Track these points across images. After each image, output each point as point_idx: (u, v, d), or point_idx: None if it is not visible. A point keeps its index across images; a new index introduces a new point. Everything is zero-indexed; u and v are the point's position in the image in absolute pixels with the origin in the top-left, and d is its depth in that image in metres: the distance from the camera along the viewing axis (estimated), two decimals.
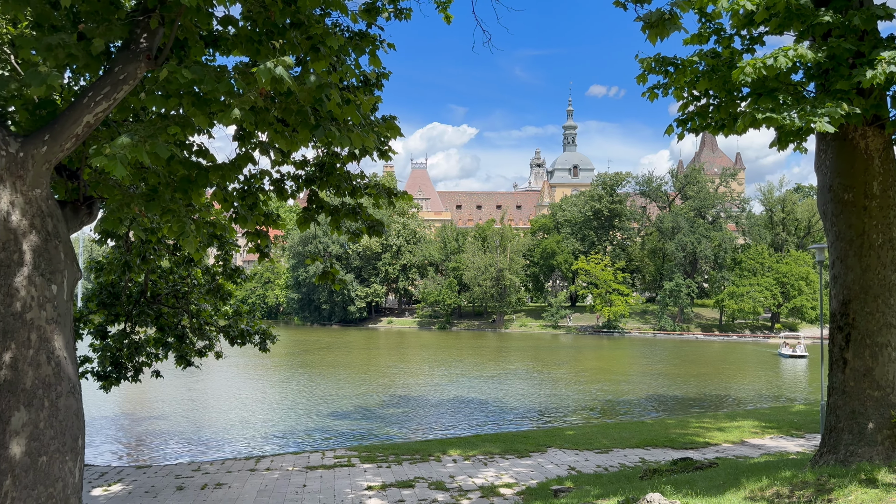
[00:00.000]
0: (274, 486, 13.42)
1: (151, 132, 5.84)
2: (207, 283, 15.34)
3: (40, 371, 6.01)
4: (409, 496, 12.28)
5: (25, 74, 5.95)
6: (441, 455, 15.71)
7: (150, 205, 6.63)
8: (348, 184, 9.52)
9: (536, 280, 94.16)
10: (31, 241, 6.19)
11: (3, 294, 6.05)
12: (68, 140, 6.38)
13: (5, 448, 5.79)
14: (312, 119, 6.03)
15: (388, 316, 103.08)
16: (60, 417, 6.06)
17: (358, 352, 55.15)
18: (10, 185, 6.18)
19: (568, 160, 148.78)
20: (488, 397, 30.22)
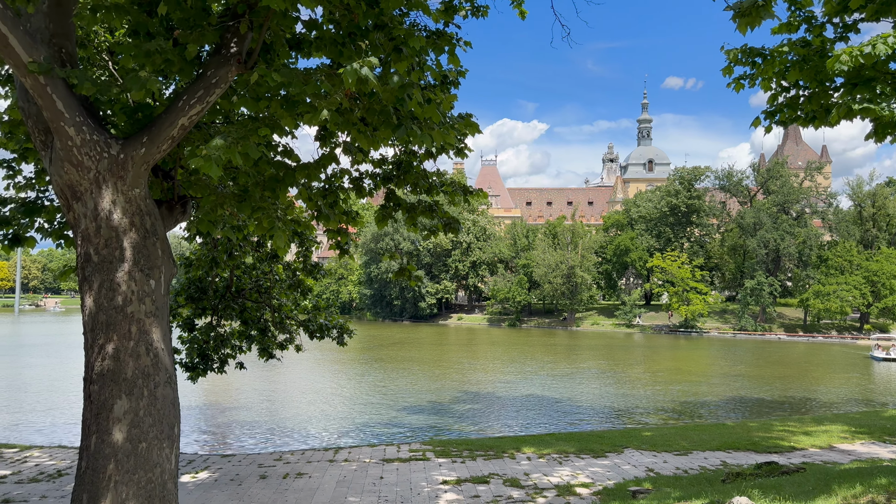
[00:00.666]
0: (352, 477, 13.72)
1: (243, 134, 6.07)
2: (288, 278, 15.79)
3: (140, 362, 6.36)
4: (483, 492, 12.32)
5: (126, 79, 6.27)
6: (515, 452, 15.68)
7: (241, 205, 6.90)
8: (425, 182, 9.61)
9: (609, 278, 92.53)
10: (131, 239, 6.55)
11: (106, 288, 6.42)
12: (165, 142, 6.71)
13: (109, 434, 6.15)
14: (394, 119, 6.12)
15: (458, 312, 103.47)
16: (158, 406, 6.39)
17: (429, 347, 55.62)
18: (112, 185, 6.55)
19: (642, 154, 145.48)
20: (560, 396, 29.94)
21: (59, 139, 6.38)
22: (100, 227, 6.47)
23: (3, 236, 8.89)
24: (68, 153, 6.38)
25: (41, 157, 6.93)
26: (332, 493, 12.54)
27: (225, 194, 7.05)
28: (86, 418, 6.29)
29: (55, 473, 14.12)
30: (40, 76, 6.13)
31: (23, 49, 6.03)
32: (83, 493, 6.08)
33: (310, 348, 16.22)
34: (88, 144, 6.39)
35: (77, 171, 6.42)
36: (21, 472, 14.28)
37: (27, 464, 15.09)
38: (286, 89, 6.13)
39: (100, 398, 6.21)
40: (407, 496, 12.14)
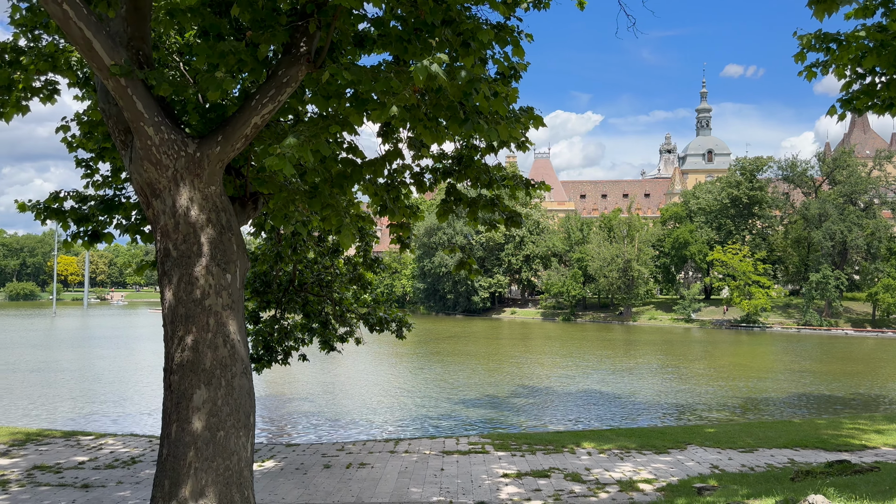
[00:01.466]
0: (413, 468, 13.88)
1: (314, 132, 6.20)
2: (349, 272, 16.04)
3: (218, 353, 6.58)
4: (544, 486, 12.30)
5: (202, 80, 6.48)
6: (575, 447, 15.59)
7: (312, 201, 7.06)
8: (486, 176, 9.63)
9: (667, 271, 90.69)
10: (208, 234, 6.78)
11: (185, 282, 6.67)
12: (239, 140, 6.91)
13: (189, 423, 6.40)
14: (461, 113, 6.16)
15: (512, 306, 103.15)
16: (235, 395, 6.61)
17: (484, 341, 55.64)
18: (189, 183, 6.79)
19: (702, 145, 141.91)
20: (618, 391, 29.58)
21: (138, 139, 6.64)
22: (178, 223, 6.72)
23: (84, 232, 9.30)
24: (147, 152, 6.64)
25: (121, 156, 7.23)
26: (395, 483, 12.72)
27: (296, 191, 7.22)
28: (166, 407, 6.55)
29: (129, 460, 14.73)
30: (121, 78, 6.39)
31: (105, 53, 6.29)
32: (165, 479, 6.34)
33: (367, 341, 16.47)
34: (167, 143, 6.63)
35: (156, 169, 6.68)
36: (97, 458, 14.95)
37: (103, 451, 15.78)
38: (355, 87, 6.23)
39: (180, 388, 6.46)
40: (468, 488, 12.23)
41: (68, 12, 6.07)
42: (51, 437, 17.27)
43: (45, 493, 11.96)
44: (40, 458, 14.76)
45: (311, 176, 7.25)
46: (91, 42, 6.22)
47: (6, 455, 15.15)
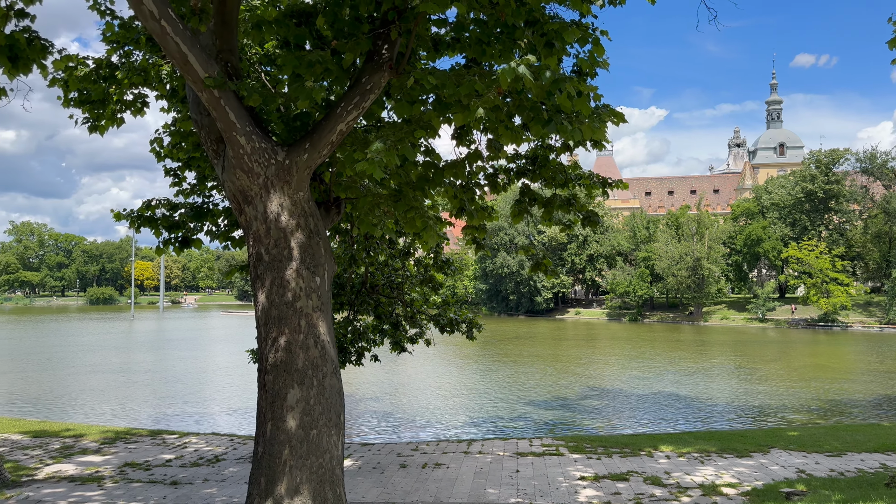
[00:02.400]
0: (488, 469, 13.90)
1: (400, 136, 6.30)
2: (420, 274, 16.17)
3: (309, 353, 6.77)
4: (624, 489, 12.12)
5: (291, 90, 6.67)
6: (652, 450, 15.30)
7: (397, 204, 7.18)
8: (562, 175, 9.57)
9: (739, 270, 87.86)
10: (298, 239, 6.98)
11: (277, 285, 6.89)
12: (325, 147, 7.09)
13: (283, 421, 6.60)
14: (545, 114, 6.15)
15: (576, 307, 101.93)
16: (327, 395, 6.79)
17: (550, 342, 55.19)
18: (280, 190, 7.00)
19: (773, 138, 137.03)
20: (692, 393, 28.84)
21: (231, 148, 6.89)
22: (269, 228, 6.95)
23: (175, 239, 9.70)
24: (240, 161, 6.88)
25: (213, 165, 7.51)
26: (471, 484, 12.76)
27: (380, 195, 7.36)
28: (261, 406, 6.77)
29: (213, 458, 15.26)
30: (215, 90, 6.65)
31: (200, 66, 6.56)
32: (261, 476, 6.56)
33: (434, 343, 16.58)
34: (258, 152, 6.86)
35: (248, 177, 6.92)
36: (183, 456, 15.55)
37: (187, 449, 16.41)
38: (439, 91, 6.29)
39: (274, 388, 6.67)
40: (545, 490, 12.16)
41: (166, 28, 6.35)
42: (138, 436, 18.07)
43: (137, 489, 12.52)
44: (130, 456, 15.45)
45: (394, 179, 7.38)
46: (186, 56, 6.49)
47: (98, 452, 15.93)
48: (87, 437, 17.55)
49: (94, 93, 9.08)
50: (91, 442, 17.00)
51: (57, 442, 16.98)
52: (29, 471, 14.02)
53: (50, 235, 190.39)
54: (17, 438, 17.38)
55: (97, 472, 13.82)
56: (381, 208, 7.33)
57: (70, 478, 13.44)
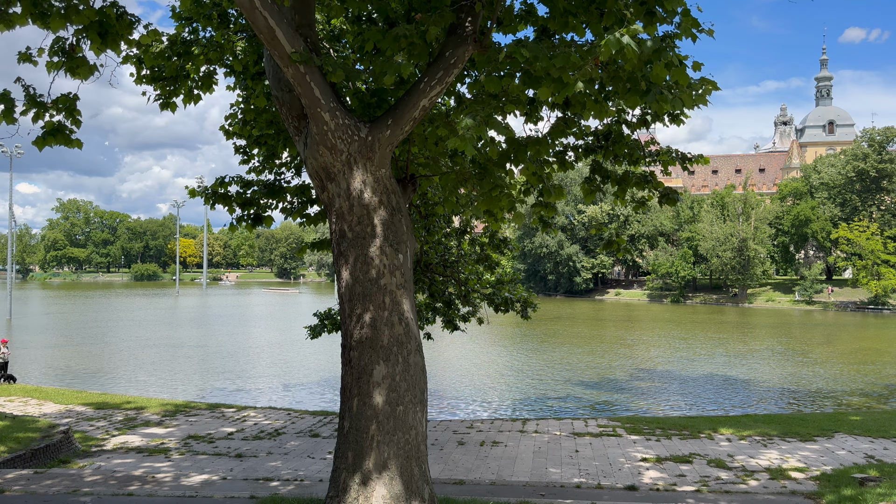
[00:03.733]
0: (547, 448, 13.87)
1: (489, 112, 6.18)
2: (475, 253, 16.08)
3: (394, 330, 6.75)
4: (688, 471, 11.97)
5: (377, 65, 6.58)
6: (712, 433, 15.09)
7: (482, 182, 7.07)
8: (640, 151, 9.34)
9: (785, 251, 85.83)
10: (381, 216, 6.93)
11: (361, 262, 6.86)
12: (407, 123, 7.00)
13: (370, 397, 6.61)
14: (643, 84, 5.95)
15: (615, 287, 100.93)
16: (412, 372, 6.77)
17: (593, 323, 54.82)
18: (362, 167, 6.95)
19: (822, 115, 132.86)
20: (742, 375, 28.36)
21: (314, 124, 6.85)
22: (352, 205, 6.91)
23: (247, 216, 9.77)
24: (323, 137, 6.84)
25: (295, 142, 7.49)
26: (532, 463, 12.74)
27: (464, 173, 7.26)
28: (346, 382, 6.79)
29: (273, 432, 15.53)
30: (300, 65, 6.59)
31: (287, 41, 6.51)
32: (348, 450, 6.59)
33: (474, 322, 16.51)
34: (341, 129, 6.81)
35: (331, 154, 6.87)
36: (244, 429, 15.85)
37: (247, 422, 16.72)
38: (531, 64, 6.13)
39: (359, 364, 6.67)
40: (607, 471, 12.08)
41: (254, 1, 6.31)
42: (197, 409, 18.49)
43: (203, 461, 12.80)
44: (192, 429, 15.81)
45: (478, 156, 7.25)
46: (274, 31, 6.44)
47: (160, 425, 16.33)
48: (148, 410, 18.01)
49: (167, 69, 9.13)
50: (152, 414, 17.44)
51: (120, 414, 17.46)
52: (97, 441, 14.45)
53: (95, 213, 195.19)
54: (81, 410, 17.92)
55: (162, 444, 14.18)
56: (466, 186, 7.22)
57: (137, 449, 13.82)
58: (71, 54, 6.62)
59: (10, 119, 6.49)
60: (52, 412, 17.18)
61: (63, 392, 20.87)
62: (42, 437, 13.12)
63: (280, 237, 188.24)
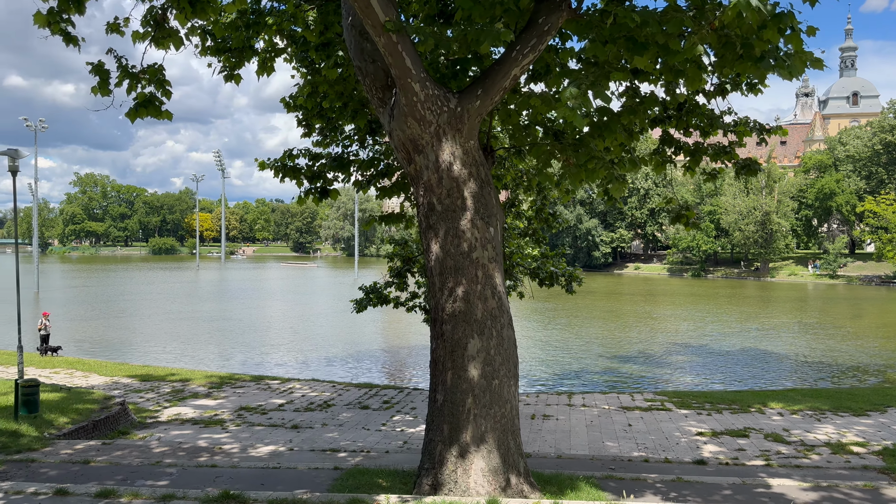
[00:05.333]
0: (598, 422, 13.86)
1: (593, 80, 6.02)
2: (520, 227, 15.91)
3: (487, 304, 6.68)
4: (746, 445, 11.93)
5: (473, 32, 6.40)
6: (762, 407, 15.02)
7: (578, 154, 6.92)
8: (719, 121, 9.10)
9: (808, 224, 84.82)
10: (471, 188, 6.82)
11: (451, 235, 6.77)
12: (497, 93, 6.85)
13: (464, 370, 6.57)
14: (757, 50, 5.75)
15: (634, 262, 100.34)
16: (505, 346, 6.71)
17: (616, 297, 54.65)
18: (451, 138, 6.82)
19: (846, 87, 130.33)
20: (776, 349, 28.17)
21: (404, 95, 6.71)
22: (441, 177, 6.80)
23: (315, 189, 9.69)
24: (412, 108, 6.70)
25: (378, 114, 7.36)
26: (587, 436, 12.75)
27: (555, 144, 7.11)
28: (439, 355, 6.74)
29: (323, 404, 15.62)
30: (393, 34, 6.44)
31: (380, 9, 6.35)
32: (443, 423, 6.57)
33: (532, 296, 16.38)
34: (431, 99, 6.67)
35: (419, 125, 6.74)
36: (293, 401, 15.96)
37: (294, 394, 16.84)
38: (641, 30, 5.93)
39: (453, 337, 6.62)
40: (665, 444, 12.06)
41: None
42: (242, 381, 18.63)
43: (261, 432, 12.91)
44: (241, 400, 15.94)
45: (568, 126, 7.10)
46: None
47: (209, 396, 16.48)
48: (193, 382, 18.18)
49: (234, 40, 8.99)
50: (199, 386, 17.60)
51: (166, 386, 17.64)
52: (150, 413, 14.62)
53: (112, 187, 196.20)
54: (127, 381, 18.12)
55: (216, 416, 14.31)
56: (559, 158, 7.07)
57: (192, 420, 13.96)
58: (160, 24, 6.51)
59: (106, 91, 6.42)
60: (99, 384, 17.38)
61: (105, 364, 21.11)
62: (101, 408, 13.29)
63: (295, 211, 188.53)
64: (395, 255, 15.74)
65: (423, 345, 28.54)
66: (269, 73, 8.89)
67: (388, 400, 16.14)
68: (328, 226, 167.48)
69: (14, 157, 12.07)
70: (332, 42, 9.22)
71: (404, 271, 15.77)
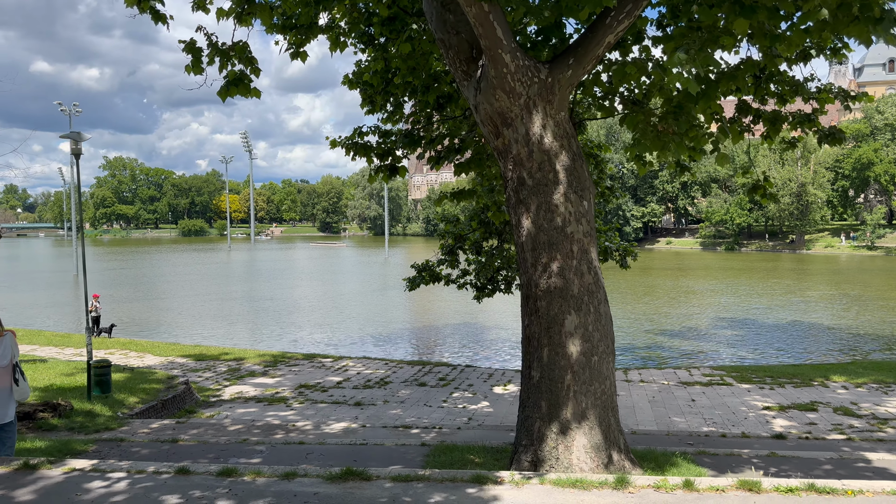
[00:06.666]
0: (660, 397, 13.75)
1: (700, 45, 5.82)
2: None
3: (584, 280, 6.56)
4: (817, 419, 11.75)
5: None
6: (824, 381, 14.79)
7: (679, 122, 6.73)
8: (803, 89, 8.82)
9: (844, 195, 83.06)
10: (563, 161, 6.67)
11: (544, 210, 6.64)
12: (590, 62, 6.67)
13: (562, 347, 6.47)
14: (877, 11, 5.49)
15: (666, 236, 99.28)
16: (603, 321, 6.60)
17: (652, 272, 54.12)
18: (542, 110, 6.67)
19: (882, 53, 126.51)
20: (824, 322, 27.70)
21: (493, 67, 6.55)
22: (532, 151, 6.66)
23: (384, 167, 9.61)
24: (501, 80, 6.54)
25: (462, 87, 7.22)
26: (652, 412, 12.65)
27: (652, 112, 6.92)
28: (534, 332, 6.65)
29: (380, 381, 15.71)
30: (484, 4, 6.28)
31: None
32: (541, 400, 6.50)
33: None
34: (521, 70, 6.51)
35: (508, 97, 6.59)
36: (350, 379, 16.06)
37: (349, 372, 16.95)
38: None
39: (549, 313, 6.52)
40: (732, 419, 11.92)
41: None
42: (295, 359, 18.80)
43: (325, 409, 13.01)
44: (298, 378, 16.08)
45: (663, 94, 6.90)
46: None
47: (266, 375, 16.65)
48: (247, 361, 18.38)
49: (301, 17, 8.88)
50: (254, 365, 17.80)
51: (222, 365, 17.85)
52: (212, 392, 14.80)
53: (141, 170, 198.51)
54: (182, 361, 18.37)
55: (277, 394, 14.45)
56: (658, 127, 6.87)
57: (255, 398, 14.11)
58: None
59: (199, 69, 6.37)
60: (155, 364, 17.64)
61: (158, 344, 21.42)
62: (166, 388, 13.49)
63: (321, 191, 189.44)
64: (447, 233, 15.68)
65: (464, 322, 28.59)
66: (341, 49, 8.77)
67: (444, 377, 16.17)
68: (354, 205, 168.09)
69: (77, 139, 12.15)
70: (399, 16, 9.09)
71: (456, 249, 15.72)
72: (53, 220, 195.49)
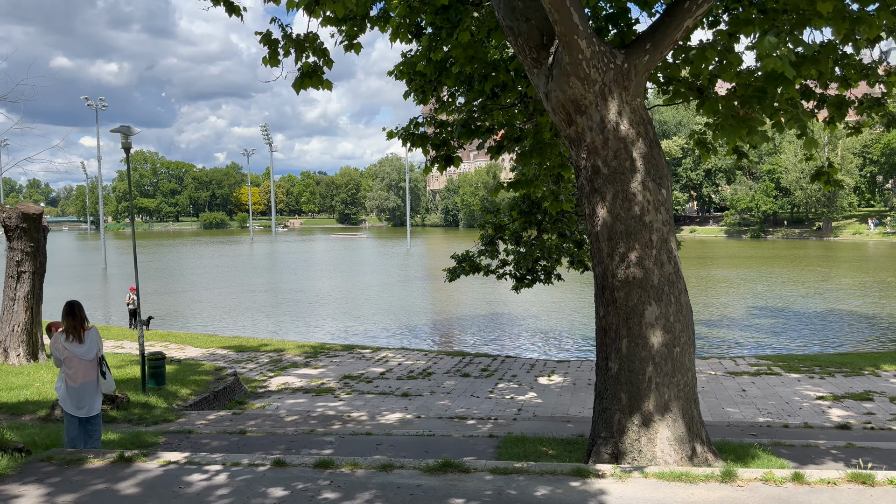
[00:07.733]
0: (710, 387, 13.60)
1: (791, 28, 5.68)
2: None
3: (664, 269, 6.45)
4: (874, 409, 11.56)
5: None
6: (875, 370, 14.56)
7: (764, 105, 6.59)
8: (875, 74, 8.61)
9: (873, 181, 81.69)
10: (640, 149, 6.55)
11: (621, 199, 6.54)
12: (668, 47, 6.54)
13: (643, 338, 6.38)
14: None
15: (689, 224, 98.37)
16: (684, 312, 6.50)
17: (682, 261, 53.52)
18: (617, 96, 6.55)
19: None
20: (863, 310, 27.25)
21: (568, 53, 6.44)
22: (607, 139, 6.55)
23: (440, 157, 9.54)
24: (576, 67, 6.43)
25: (531, 75, 7.11)
26: (704, 402, 12.46)
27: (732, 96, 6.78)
28: (611, 322, 6.56)
29: (423, 371, 15.71)
30: None
31: None
32: (620, 392, 6.42)
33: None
34: (597, 56, 6.39)
35: (583, 84, 6.48)
36: (392, 370, 16.08)
37: (390, 363, 16.96)
38: None
39: (627, 304, 6.43)
40: (787, 409, 11.77)
41: None
42: (334, 350, 18.86)
43: (374, 400, 13.03)
44: (340, 369, 16.13)
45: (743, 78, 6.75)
46: None
47: (308, 366, 16.72)
48: (288, 352, 18.46)
49: (358, 9, 8.81)
50: (295, 356, 17.88)
51: (263, 356, 17.95)
52: (259, 383, 14.88)
53: (162, 163, 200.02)
54: (223, 353, 18.49)
55: (323, 385, 14.50)
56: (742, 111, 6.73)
57: (302, 389, 14.16)
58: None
59: (276, 61, 6.33)
60: (196, 355, 17.76)
61: (197, 336, 21.58)
62: (216, 379, 13.58)
63: (340, 183, 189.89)
64: (488, 223, 15.61)
65: (493, 312, 28.52)
66: (402, 39, 8.69)
67: (486, 367, 16.14)
68: (373, 196, 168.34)
69: (127, 133, 12.21)
70: (453, 5, 8.99)
71: (496, 239, 15.65)
72: (76, 214, 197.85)
